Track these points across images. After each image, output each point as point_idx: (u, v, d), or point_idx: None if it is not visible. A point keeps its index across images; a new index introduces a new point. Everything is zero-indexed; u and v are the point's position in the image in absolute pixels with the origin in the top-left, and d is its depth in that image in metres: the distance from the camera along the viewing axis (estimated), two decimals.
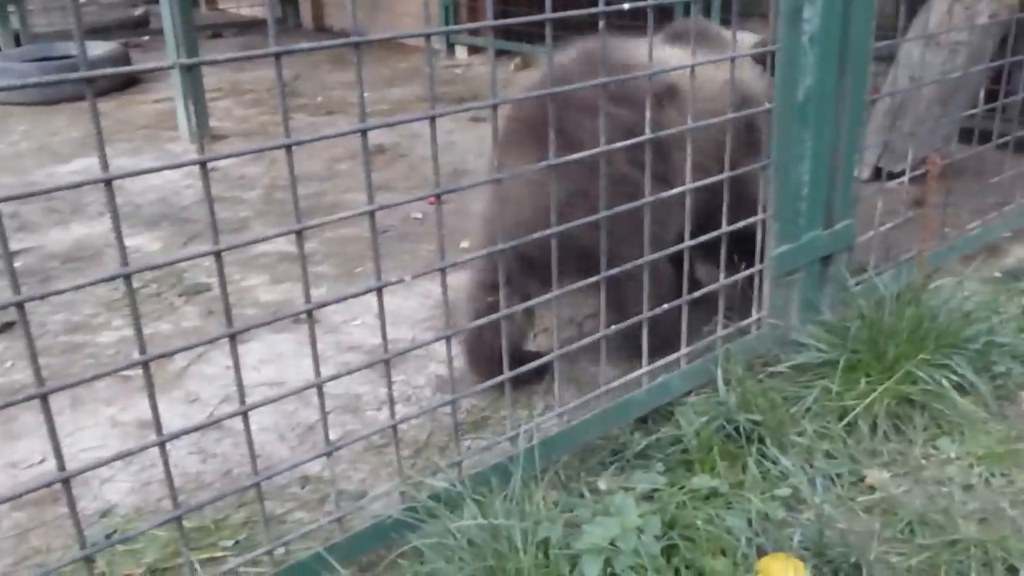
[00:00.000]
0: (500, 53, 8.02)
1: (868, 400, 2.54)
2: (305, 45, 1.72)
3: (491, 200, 2.80)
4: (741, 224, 2.61)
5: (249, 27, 10.81)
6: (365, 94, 1.83)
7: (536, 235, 2.14)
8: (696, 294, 2.57)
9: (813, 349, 2.71)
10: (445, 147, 5.51)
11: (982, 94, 3.68)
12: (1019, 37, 3.85)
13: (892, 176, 3.43)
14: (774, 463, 2.38)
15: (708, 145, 2.83)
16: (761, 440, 2.43)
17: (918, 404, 2.59)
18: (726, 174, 2.52)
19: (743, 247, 2.74)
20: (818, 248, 2.79)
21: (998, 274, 3.55)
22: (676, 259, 2.64)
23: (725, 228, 2.58)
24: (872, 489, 2.38)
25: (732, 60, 2.47)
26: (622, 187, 2.59)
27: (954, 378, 2.63)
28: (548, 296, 2.26)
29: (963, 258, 3.59)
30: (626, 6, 2.23)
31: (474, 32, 8.10)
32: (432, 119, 1.90)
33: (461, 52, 8.65)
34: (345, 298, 1.97)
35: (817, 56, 2.56)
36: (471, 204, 3.00)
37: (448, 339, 2.11)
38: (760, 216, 2.68)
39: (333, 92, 7.42)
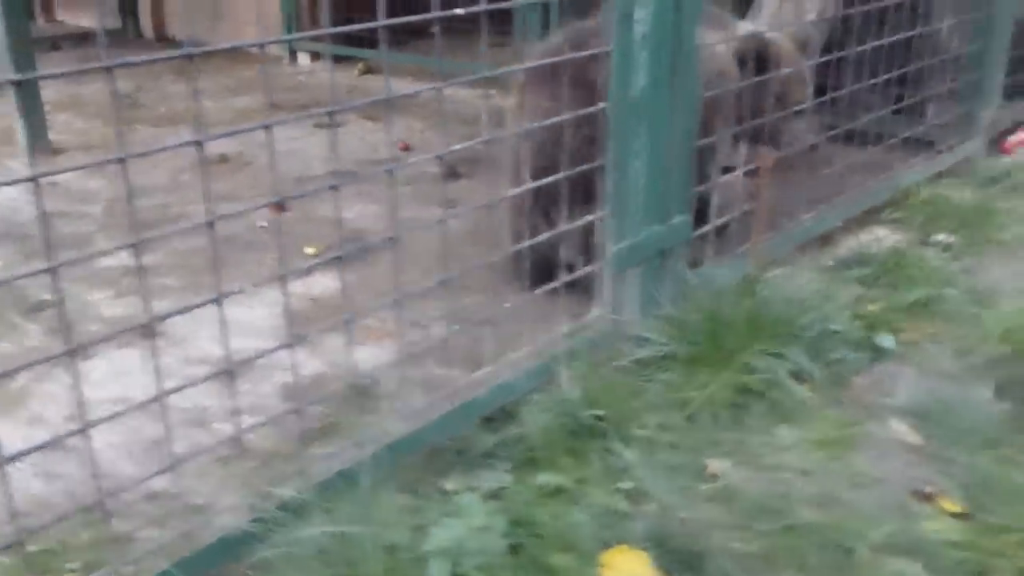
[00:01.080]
0: (344, 59, 7.93)
1: (708, 391, 2.60)
2: (138, 59, 1.68)
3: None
4: (585, 220, 2.67)
5: (88, 38, 10.43)
6: (208, 103, 1.80)
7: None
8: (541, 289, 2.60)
9: (655, 343, 2.76)
10: (288, 154, 5.43)
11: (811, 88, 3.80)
12: (845, 32, 3.99)
13: (727, 170, 3.52)
14: (618, 457, 2.41)
15: None
16: (605, 435, 2.46)
17: (757, 393, 2.66)
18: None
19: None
20: (656, 243, 2.84)
21: (831, 263, 3.67)
22: None
23: (569, 222, 2.62)
24: (714, 478, 2.43)
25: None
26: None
27: (790, 366, 2.72)
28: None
29: (798, 248, 3.70)
30: (460, 11, 2.25)
31: (317, 38, 7.99)
32: (268, 128, 1.89)
33: (304, 58, 8.49)
34: (186, 310, 1.92)
35: (649, 55, 2.61)
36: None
37: (292, 347, 2.08)
38: (598, 214, 2.72)
39: (176, 102, 7.22)
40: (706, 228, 3.13)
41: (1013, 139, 5.16)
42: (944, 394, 2.78)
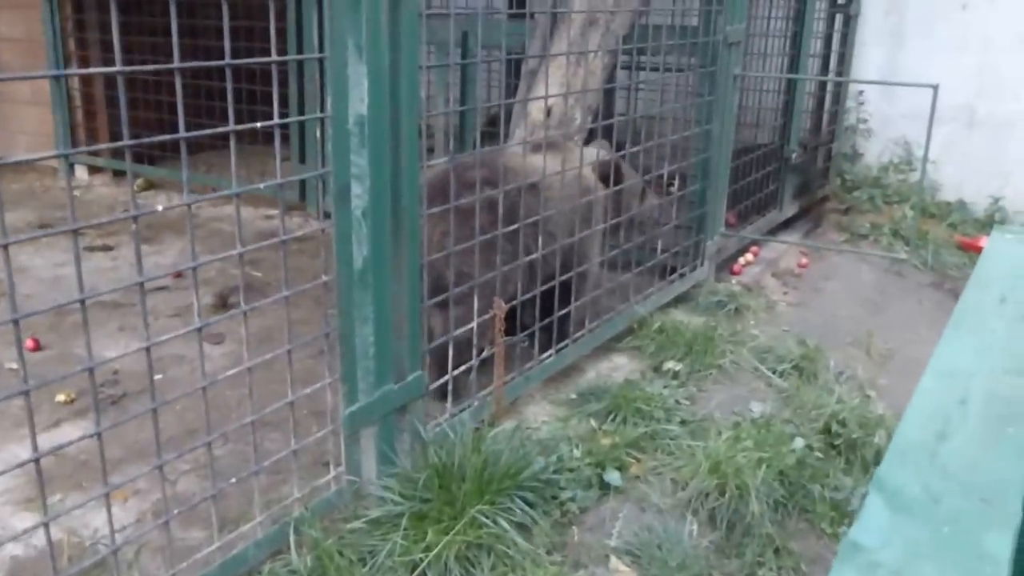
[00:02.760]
0: (123, 173, 7.51)
1: (438, 548, 2.55)
2: None
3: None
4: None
5: None
6: None
7: None
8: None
9: (389, 501, 2.70)
10: (53, 281, 5.15)
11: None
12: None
13: None
14: None
15: (561, 219, 3.77)
16: None
17: (485, 547, 2.63)
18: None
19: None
20: (390, 402, 2.80)
21: (573, 396, 3.71)
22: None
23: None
24: None
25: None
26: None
27: (517, 517, 2.70)
28: None
29: (546, 382, 3.74)
30: (259, 125, 2.34)
31: (93, 152, 7.62)
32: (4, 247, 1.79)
33: (81, 172, 8.07)
34: None
35: (370, 228, 2.60)
36: None
37: None
38: (327, 380, 2.66)
39: None
40: (444, 379, 3.12)
41: (742, 260, 5.42)
42: (658, 531, 2.83)
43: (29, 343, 4.28)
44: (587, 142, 4.42)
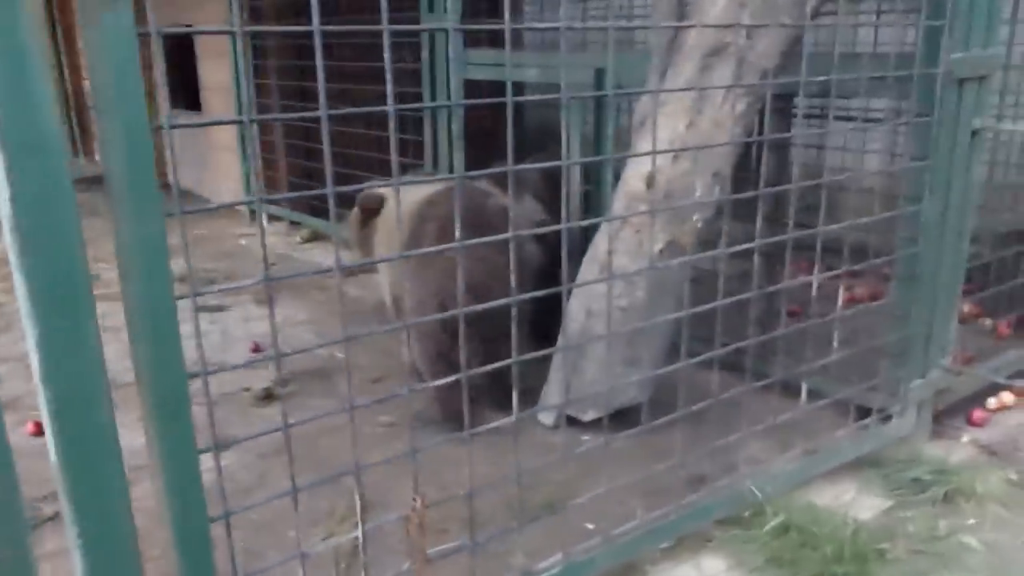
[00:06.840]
0: (294, 223, 7.29)
1: None
2: None
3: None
4: None
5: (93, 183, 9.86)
6: None
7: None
8: None
9: None
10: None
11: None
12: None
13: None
14: None
15: None
16: None
17: None
18: None
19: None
20: None
21: None
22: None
23: None
24: None
25: None
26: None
27: None
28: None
29: None
30: None
31: (273, 200, 7.26)
32: None
33: (263, 219, 7.65)
34: None
35: None
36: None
37: None
38: None
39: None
40: None
41: (993, 402, 3.66)
42: None
43: (30, 426, 3.58)
44: None
